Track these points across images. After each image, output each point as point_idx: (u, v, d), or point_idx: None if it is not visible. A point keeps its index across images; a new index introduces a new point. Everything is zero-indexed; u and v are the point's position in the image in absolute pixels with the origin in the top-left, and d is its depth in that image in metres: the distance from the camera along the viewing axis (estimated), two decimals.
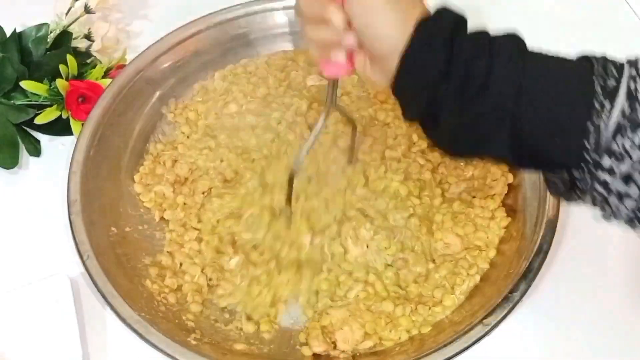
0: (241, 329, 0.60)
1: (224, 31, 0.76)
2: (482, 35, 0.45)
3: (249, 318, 0.61)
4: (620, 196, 0.42)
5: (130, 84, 0.71)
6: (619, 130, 0.41)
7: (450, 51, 0.44)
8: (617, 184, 0.42)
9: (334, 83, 0.56)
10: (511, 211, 0.66)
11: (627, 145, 0.41)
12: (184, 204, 0.67)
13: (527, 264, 0.59)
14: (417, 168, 0.68)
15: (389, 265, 0.63)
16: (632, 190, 0.41)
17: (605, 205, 0.44)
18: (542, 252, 0.59)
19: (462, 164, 0.69)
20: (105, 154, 0.68)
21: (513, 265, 0.60)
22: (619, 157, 0.41)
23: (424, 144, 0.70)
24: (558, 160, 0.45)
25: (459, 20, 0.46)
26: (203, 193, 0.68)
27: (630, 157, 0.41)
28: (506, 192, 0.67)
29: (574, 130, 0.42)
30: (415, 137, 0.70)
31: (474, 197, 0.67)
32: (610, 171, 0.42)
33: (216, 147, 0.70)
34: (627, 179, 0.41)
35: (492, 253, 0.64)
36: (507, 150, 0.45)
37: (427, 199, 0.67)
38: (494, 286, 0.60)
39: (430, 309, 0.60)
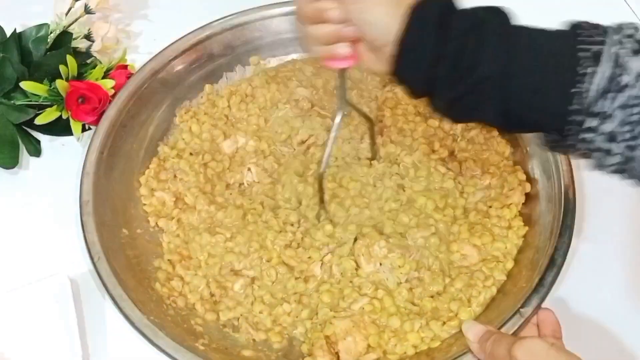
0: (253, 340, 0.60)
1: (239, 34, 0.76)
2: (470, 14, 0.48)
3: (256, 328, 0.61)
4: (605, 152, 0.45)
5: (145, 86, 0.71)
6: (603, 93, 0.44)
7: (440, 34, 0.47)
8: (600, 142, 0.45)
9: (342, 79, 0.58)
10: (529, 220, 0.65)
11: (612, 106, 0.44)
12: (178, 220, 0.66)
13: (539, 278, 0.58)
14: (439, 177, 0.67)
15: (401, 283, 0.62)
16: (617, 147, 0.44)
17: (590, 159, 0.47)
18: (556, 266, 0.58)
19: (478, 172, 0.68)
20: (118, 155, 0.68)
21: (527, 278, 0.60)
22: (603, 118, 0.44)
23: (444, 152, 0.69)
24: (545, 125, 0.48)
25: (448, 2, 0.49)
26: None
27: (615, 118, 0.44)
28: (523, 201, 0.66)
29: (559, 97, 0.45)
30: (436, 145, 0.70)
31: (490, 206, 0.66)
32: (594, 130, 0.45)
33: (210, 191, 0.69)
34: (612, 137, 0.44)
35: (509, 264, 0.63)
36: (499, 118, 0.49)
37: (450, 210, 0.65)
38: (510, 299, 0.60)
39: (444, 324, 0.59)
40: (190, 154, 0.70)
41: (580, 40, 0.45)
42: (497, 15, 0.48)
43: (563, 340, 0.56)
